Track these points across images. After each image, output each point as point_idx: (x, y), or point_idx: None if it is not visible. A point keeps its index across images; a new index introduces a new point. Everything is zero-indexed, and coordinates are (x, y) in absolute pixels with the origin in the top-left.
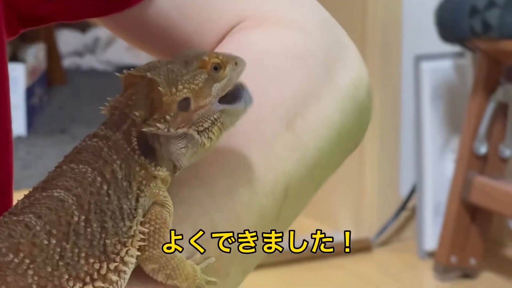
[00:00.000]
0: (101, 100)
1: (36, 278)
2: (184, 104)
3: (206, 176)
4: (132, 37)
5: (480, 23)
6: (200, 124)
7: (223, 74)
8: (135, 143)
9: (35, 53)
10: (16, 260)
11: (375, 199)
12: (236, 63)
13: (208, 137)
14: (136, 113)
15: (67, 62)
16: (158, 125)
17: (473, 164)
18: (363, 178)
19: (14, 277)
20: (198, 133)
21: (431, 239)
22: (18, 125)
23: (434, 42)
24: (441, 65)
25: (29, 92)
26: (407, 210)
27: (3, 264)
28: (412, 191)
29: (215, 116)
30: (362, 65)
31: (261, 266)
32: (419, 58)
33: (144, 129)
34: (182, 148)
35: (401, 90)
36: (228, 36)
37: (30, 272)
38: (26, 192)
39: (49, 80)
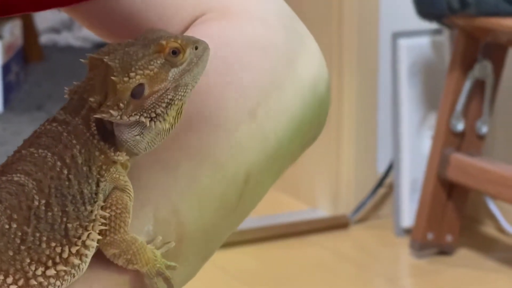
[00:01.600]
0: (78, 77)
1: None
2: (139, 90)
3: (169, 161)
4: (96, 26)
5: (458, 0)
6: (153, 110)
7: (182, 59)
8: (94, 128)
9: (11, 29)
10: None
11: (352, 176)
12: (196, 47)
13: (163, 120)
14: (92, 99)
15: (44, 39)
16: (111, 112)
17: (450, 141)
18: (340, 155)
19: None
20: (151, 120)
21: (407, 216)
22: None
23: (411, 19)
24: (418, 42)
25: (5, 69)
26: (384, 187)
27: None
28: (389, 168)
29: (169, 97)
30: (321, 59)
31: (237, 243)
32: (396, 35)
33: (97, 115)
34: (136, 135)
35: (378, 67)
36: (191, 26)
37: None
38: None
39: (26, 57)
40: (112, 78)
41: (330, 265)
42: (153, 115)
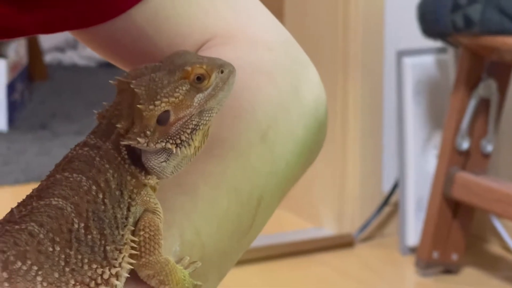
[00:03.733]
0: (82, 96)
1: (45, 284)
2: (164, 116)
3: (188, 184)
4: (104, 50)
5: (462, 18)
6: (178, 136)
7: (207, 84)
8: (125, 152)
9: (16, 48)
10: (24, 268)
11: (357, 194)
12: (222, 71)
13: (188, 145)
14: (119, 125)
15: (49, 58)
16: (138, 139)
17: (455, 159)
18: (345, 174)
19: (25, 284)
20: (176, 146)
21: (413, 234)
22: None
23: (416, 37)
24: (423, 61)
25: (10, 88)
26: (389, 206)
27: (13, 272)
28: (395, 187)
29: (194, 123)
30: (321, 84)
31: (243, 262)
32: (401, 54)
33: (124, 142)
34: (162, 162)
35: (383, 86)
36: (199, 52)
37: (39, 278)
38: (7, 189)
39: (31, 76)
40: (138, 106)
41: (335, 284)
42: (178, 141)
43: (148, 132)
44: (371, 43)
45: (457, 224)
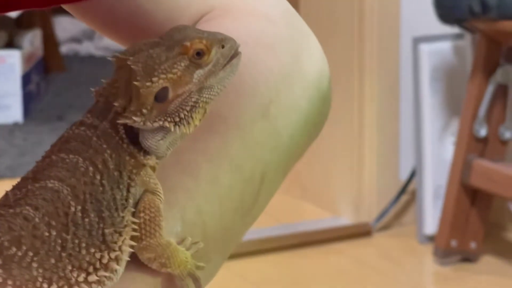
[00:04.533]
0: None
1: (41, 270)
2: (163, 93)
3: (190, 163)
4: (101, 25)
5: (479, 3)
6: (177, 114)
7: (207, 60)
8: (123, 132)
9: (31, 39)
10: (19, 253)
11: (375, 183)
12: (223, 46)
13: (187, 124)
14: (116, 103)
15: (65, 49)
16: (134, 118)
17: (473, 146)
18: (362, 162)
19: (19, 271)
20: (175, 124)
21: (431, 223)
22: (15, 112)
23: (432, 24)
24: (439, 47)
25: (26, 79)
26: (407, 194)
27: (7, 258)
28: (412, 175)
29: (193, 100)
30: (323, 56)
31: (259, 252)
32: (418, 40)
33: (120, 121)
34: (159, 140)
35: (399, 73)
36: (198, 24)
37: (35, 264)
38: None
39: (47, 67)
40: (135, 83)
41: (353, 273)
42: (177, 119)
43: (144, 110)
44: (387, 30)
45: (475, 212)
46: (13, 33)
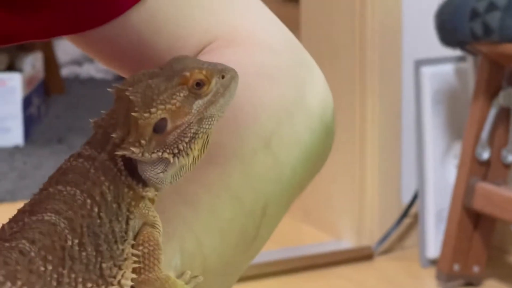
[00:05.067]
0: (99, 109)
1: None
2: (161, 124)
3: (189, 194)
4: (102, 55)
5: (481, 26)
6: (175, 146)
7: (207, 90)
8: (121, 163)
9: (32, 62)
10: None
11: (376, 206)
12: (223, 76)
13: (186, 155)
14: (114, 135)
15: (66, 71)
16: (132, 149)
17: (476, 170)
18: (364, 185)
19: None
20: (174, 156)
21: (433, 246)
22: (15, 135)
23: (434, 46)
24: (441, 70)
25: (26, 102)
26: (409, 217)
27: None
28: (414, 198)
29: (192, 131)
30: (327, 87)
31: (260, 276)
32: (419, 63)
33: (118, 153)
34: (159, 173)
35: (401, 95)
36: (200, 55)
37: None
38: (23, 204)
39: (47, 89)
40: (133, 114)
41: None
42: (176, 151)
43: (143, 141)
44: (389, 52)
45: (478, 235)
46: (14, 56)
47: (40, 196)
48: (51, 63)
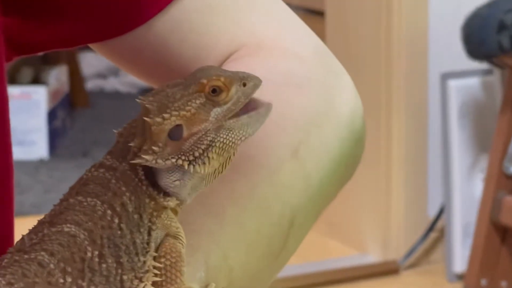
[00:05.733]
0: (124, 123)
1: None
2: (177, 132)
3: (214, 205)
4: (126, 63)
5: (509, 39)
6: (191, 153)
7: (226, 98)
8: (142, 173)
9: (57, 75)
10: None
11: (403, 220)
12: (244, 84)
13: (202, 163)
14: (132, 143)
15: (91, 85)
16: (146, 156)
17: (503, 183)
18: (390, 199)
19: None
20: (189, 163)
21: (460, 261)
22: (40, 148)
23: (461, 59)
24: (468, 83)
25: (52, 115)
26: (435, 231)
27: None
28: (440, 212)
29: (209, 139)
30: (356, 94)
31: None
32: (446, 76)
33: (133, 161)
34: (175, 181)
35: (427, 109)
36: (225, 64)
37: None
38: None
39: (72, 103)
40: (146, 119)
41: None
42: (191, 158)
43: (156, 148)
44: (415, 65)
45: (506, 250)
46: (39, 69)
47: (60, 207)
48: (75, 77)
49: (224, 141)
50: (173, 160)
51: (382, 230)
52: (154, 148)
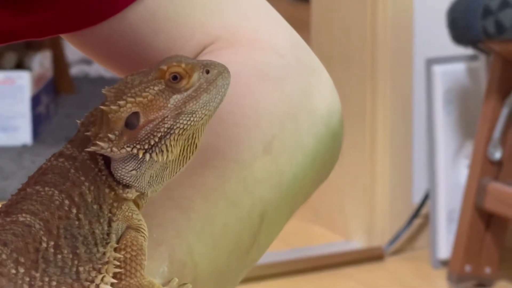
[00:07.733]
0: None
1: None
2: (134, 119)
3: (182, 199)
4: (99, 54)
5: (494, 24)
6: (147, 141)
7: (187, 85)
8: (102, 163)
9: (41, 60)
10: None
11: (387, 206)
12: (208, 71)
13: (160, 151)
14: (89, 132)
15: (75, 70)
16: (101, 144)
17: (487, 169)
18: (374, 185)
19: None
20: (145, 151)
21: (444, 247)
22: (24, 134)
23: (446, 45)
24: (453, 68)
25: (35, 101)
26: (420, 218)
27: None
28: (425, 198)
29: (166, 126)
30: (334, 91)
31: (269, 276)
32: (431, 62)
33: (88, 149)
34: (131, 170)
35: (412, 95)
36: (200, 55)
37: None
38: None
39: (56, 88)
40: (102, 107)
41: None
42: (147, 146)
43: (111, 136)
44: (400, 51)
45: (490, 236)
46: (22, 55)
47: (17, 197)
48: (60, 62)
49: (184, 127)
50: (128, 149)
51: (366, 217)
52: (110, 135)
